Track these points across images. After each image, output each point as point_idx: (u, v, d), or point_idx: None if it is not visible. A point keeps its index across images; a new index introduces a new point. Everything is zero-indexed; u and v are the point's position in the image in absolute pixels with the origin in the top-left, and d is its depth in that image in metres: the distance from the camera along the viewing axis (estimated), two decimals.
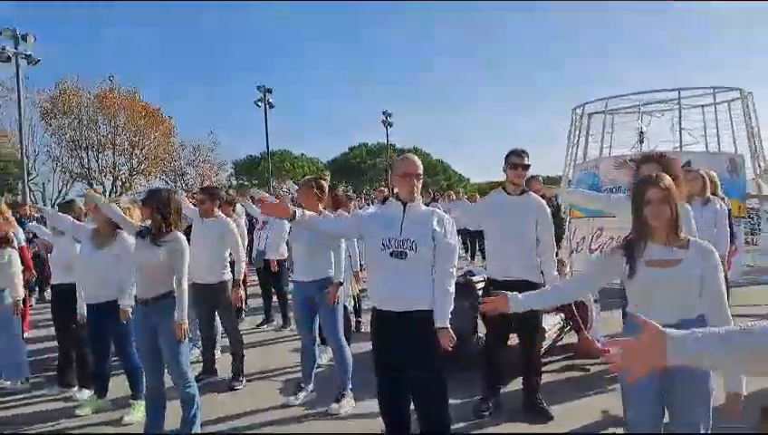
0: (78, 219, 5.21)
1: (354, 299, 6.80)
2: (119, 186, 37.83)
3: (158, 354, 4.10)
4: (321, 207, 4.85)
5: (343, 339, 4.81)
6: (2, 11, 46.50)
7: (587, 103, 11.94)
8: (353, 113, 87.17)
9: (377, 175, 44.17)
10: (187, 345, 4.14)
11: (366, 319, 7.33)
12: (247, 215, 8.92)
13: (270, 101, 30.09)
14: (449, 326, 3.22)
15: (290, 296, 8.96)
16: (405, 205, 3.33)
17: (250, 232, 8.99)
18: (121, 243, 4.77)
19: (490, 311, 2.75)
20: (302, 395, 4.93)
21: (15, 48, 19.09)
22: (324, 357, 5.79)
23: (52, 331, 7.58)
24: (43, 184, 35.72)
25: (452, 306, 3.26)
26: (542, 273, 4.27)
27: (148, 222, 4.15)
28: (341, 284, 4.80)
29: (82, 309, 5.16)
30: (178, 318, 3.97)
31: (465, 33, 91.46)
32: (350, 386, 4.79)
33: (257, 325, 8.02)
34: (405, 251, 3.20)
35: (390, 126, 37.41)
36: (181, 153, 39.63)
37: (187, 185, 38.45)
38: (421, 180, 3.37)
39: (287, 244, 8.27)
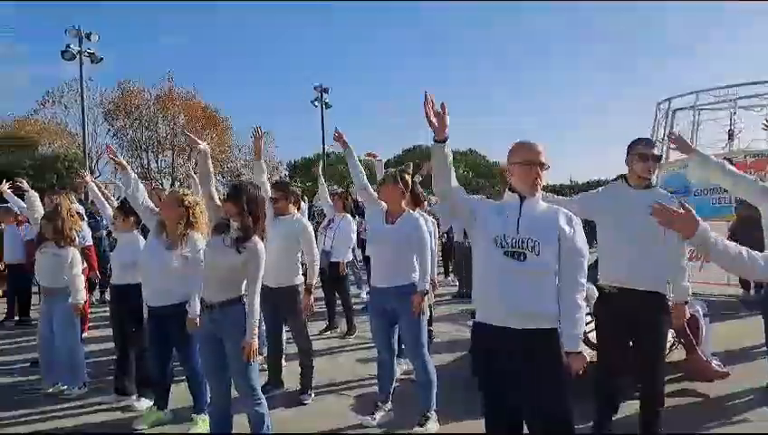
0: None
1: (430, 308, 6.23)
2: (177, 186, 38.44)
3: (224, 366, 3.65)
4: (403, 204, 4.33)
5: (428, 354, 4.26)
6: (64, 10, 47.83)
7: (673, 98, 11.01)
8: (410, 114, 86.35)
9: (430, 178, 43.24)
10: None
11: (437, 328, 6.78)
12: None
13: (326, 100, 29.83)
14: (581, 349, 2.62)
15: (356, 300, 8.67)
16: (522, 199, 2.76)
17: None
18: (193, 244, 4.35)
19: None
20: (379, 415, 4.40)
21: (80, 46, 19.39)
22: (398, 369, 5.24)
23: (109, 331, 7.40)
24: (106, 184, 36.56)
25: (584, 325, 2.66)
26: (668, 283, 3.58)
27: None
28: (427, 292, 4.26)
29: (146, 312, 4.80)
30: (248, 337, 3.49)
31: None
32: (435, 406, 4.23)
33: (320, 332, 7.53)
34: (524, 252, 2.62)
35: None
36: (237, 154, 39.85)
37: None
38: (546, 171, 2.77)
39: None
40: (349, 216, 7.71)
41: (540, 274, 2.62)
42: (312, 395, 5.04)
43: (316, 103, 30.00)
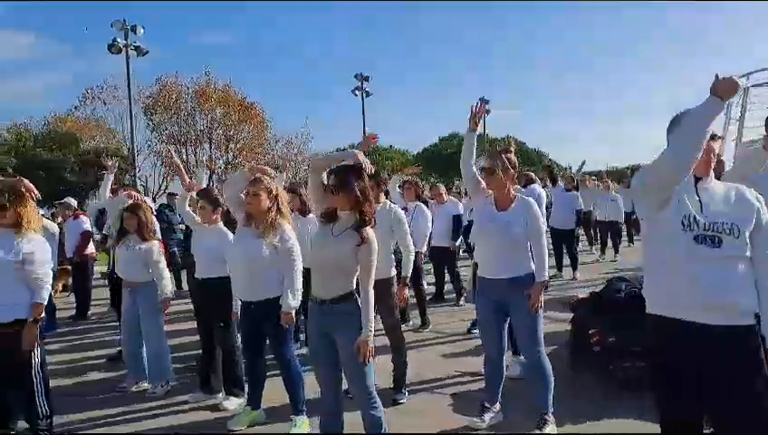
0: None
1: None
2: (215, 179, 38.58)
3: (335, 365, 3.40)
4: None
5: (544, 350, 3.95)
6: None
7: (752, 73, 10.41)
8: (445, 102, 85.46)
9: None
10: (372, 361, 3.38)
11: None
12: None
13: (367, 89, 29.50)
14: None
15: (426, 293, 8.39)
16: (697, 179, 2.44)
17: None
18: (283, 233, 4.12)
19: None
20: (488, 416, 4.12)
21: (125, 39, 19.45)
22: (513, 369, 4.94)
23: (186, 325, 7.30)
24: (146, 178, 36.94)
25: None
26: None
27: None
28: (547, 283, 3.96)
29: (236, 307, 4.61)
30: (364, 334, 3.24)
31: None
32: (552, 408, 3.94)
33: None
34: (719, 236, 2.31)
35: (488, 113, 35.89)
36: (275, 146, 39.87)
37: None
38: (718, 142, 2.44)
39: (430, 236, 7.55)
40: (422, 204, 7.43)
41: (737, 259, 2.30)
42: (407, 394, 4.79)
43: (357, 92, 29.66)
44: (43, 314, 3.93)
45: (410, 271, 4.84)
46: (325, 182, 3.44)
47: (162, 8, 55.54)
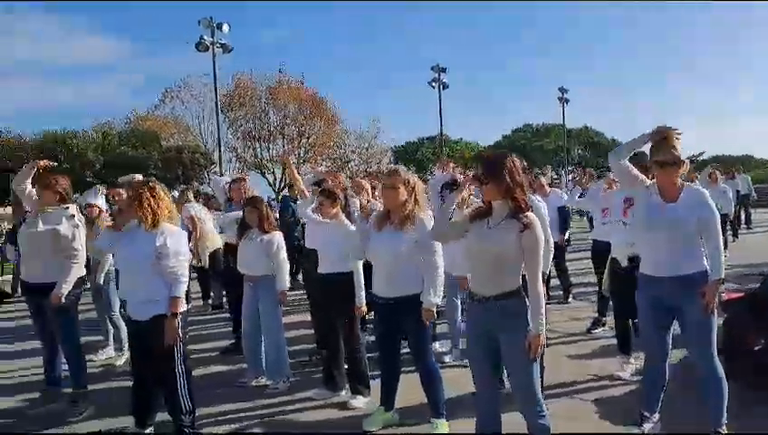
0: None
1: None
2: (288, 174, 39.08)
3: (496, 366, 3.16)
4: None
5: (717, 356, 3.56)
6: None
7: None
8: (517, 91, 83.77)
9: (543, 157, 41.84)
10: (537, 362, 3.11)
11: None
12: None
13: (444, 81, 29.11)
14: None
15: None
16: None
17: None
18: (421, 225, 3.90)
19: None
20: (647, 426, 3.77)
21: (212, 37, 19.87)
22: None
23: (297, 317, 7.25)
24: (222, 173, 37.78)
25: None
26: None
27: None
28: (723, 281, 3.57)
29: (361, 300, 4.45)
30: (536, 330, 2.97)
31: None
32: (726, 420, 3.54)
33: None
34: None
35: (567, 103, 34.81)
36: (345, 140, 40.04)
37: (351, 172, 38.89)
38: None
39: None
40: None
41: None
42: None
43: (434, 84, 29.32)
44: (184, 308, 3.86)
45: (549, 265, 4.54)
46: None
47: (232, 7, 56.64)
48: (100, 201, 6.24)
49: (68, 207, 4.75)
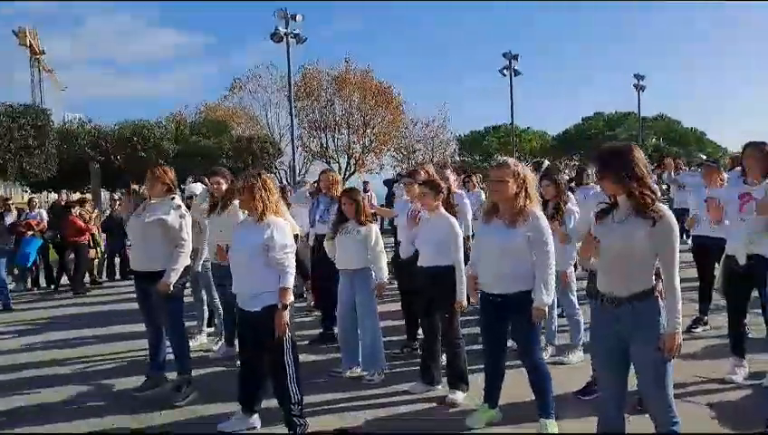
0: None
1: None
2: (352, 163, 39.37)
3: (624, 370, 3.03)
4: None
5: None
6: None
7: None
8: (588, 78, 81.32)
9: None
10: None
11: None
12: None
13: (515, 68, 28.54)
14: None
15: None
16: None
17: None
18: (535, 221, 3.78)
19: None
20: None
21: (286, 27, 20.18)
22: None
23: (385, 308, 7.21)
24: (290, 163, 38.42)
25: None
26: None
27: None
28: None
29: (462, 294, 4.43)
30: (672, 328, 2.82)
31: None
32: None
33: None
34: None
35: (643, 90, 33.51)
36: (412, 130, 39.90)
37: (416, 162, 38.74)
38: None
39: None
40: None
41: None
42: None
43: (505, 72, 28.80)
44: (292, 299, 3.90)
45: None
46: None
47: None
48: (197, 189, 6.37)
49: (174, 198, 4.87)
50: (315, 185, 7.01)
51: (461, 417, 4.22)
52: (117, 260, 12.35)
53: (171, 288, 4.64)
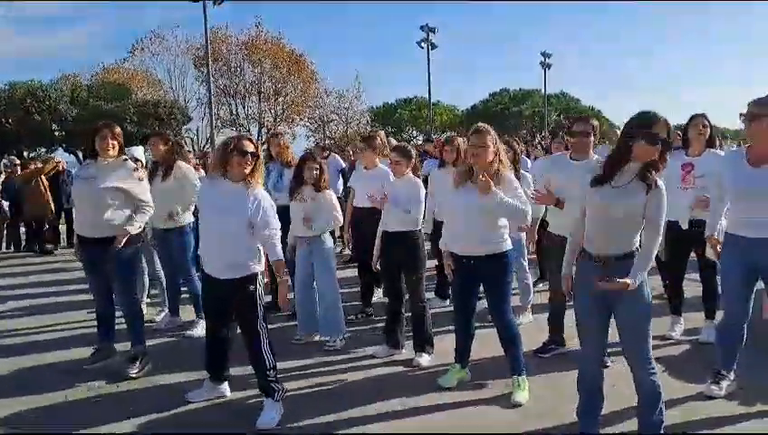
0: None
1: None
2: (264, 132, 38.46)
3: (605, 329, 3.22)
4: None
5: None
6: None
7: None
8: (497, 57, 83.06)
9: (520, 123, 41.98)
10: None
11: None
12: None
13: (433, 41, 28.74)
14: None
15: None
16: None
17: None
18: (509, 184, 3.88)
19: None
20: (725, 384, 3.91)
21: None
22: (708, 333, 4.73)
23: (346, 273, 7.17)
24: (197, 130, 36.97)
25: None
26: None
27: None
28: None
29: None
30: (632, 278, 2.97)
31: None
32: None
33: None
34: None
35: (549, 68, 34.85)
36: (326, 100, 39.42)
37: (331, 133, 38.46)
38: None
39: None
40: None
41: None
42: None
43: (423, 45, 28.94)
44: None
45: None
46: None
47: None
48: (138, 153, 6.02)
49: (126, 159, 4.58)
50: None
51: (431, 377, 4.31)
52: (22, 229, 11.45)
53: (121, 243, 4.38)
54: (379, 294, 6.32)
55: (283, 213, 4.67)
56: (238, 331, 3.95)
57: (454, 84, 79.51)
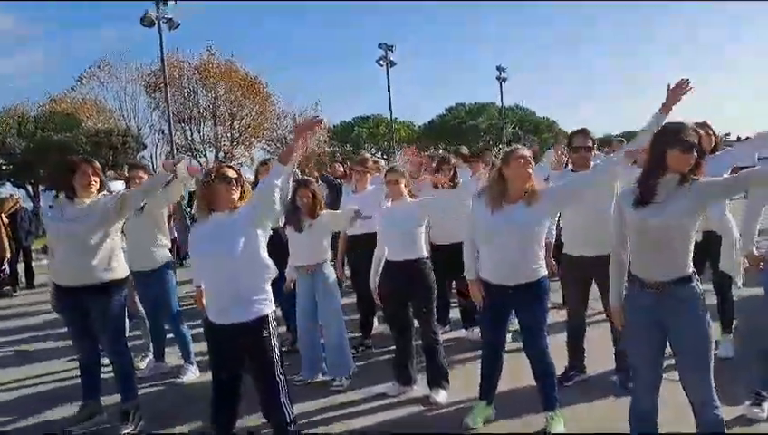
0: None
1: None
2: (221, 157, 37.68)
3: (659, 357, 2.99)
4: None
5: None
6: None
7: None
8: (454, 72, 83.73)
9: (476, 136, 42.30)
10: None
11: None
12: None
13: (391, 58, 28.71)
14: None
15: None
16: None
17: None
18: (548, 197, 3.65)
19: None
20: (766, 405, 3.73)
21: (157, 11, 18.59)
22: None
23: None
24: (151, 156, 35.92)
25: None
26: None
27: None
28: None
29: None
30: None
31: None
32: None
33: None
34: None
35: (504, 82, 35.18)
36: (282, 122, 38.99)
37: None
38: None
39: None
40: None
41: None
42: None
43: (381, 63, 28.87)
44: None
45: None
46: None
47: None
48: (119, 187, 5.60)
49: (106, 195, 4.19)
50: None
51: (455, 416, 4.03)
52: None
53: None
54: (380, 327, 6.03)
55: (277, 241, 4.36)
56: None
57: (410, 100, 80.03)
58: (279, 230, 4.81)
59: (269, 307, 3.32)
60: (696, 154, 2.77)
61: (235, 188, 3.33)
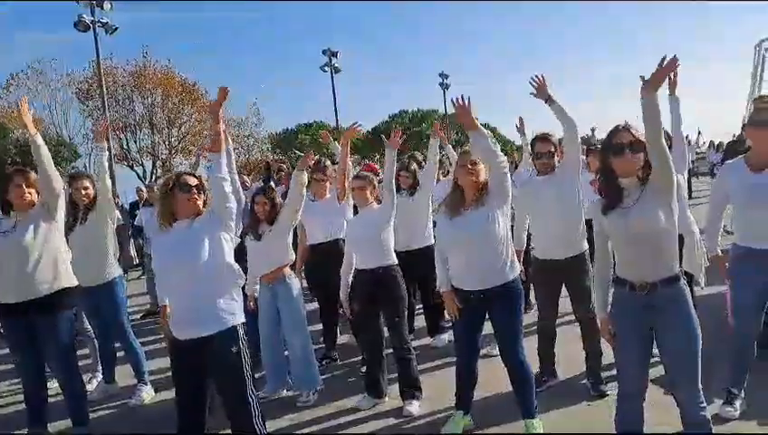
0: None
1: None
2: (159, 166, 36.54)
3: (647, 362, 2.95)
4: None
5: None
6: None
7: None
8: (397, 79, 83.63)
9: (420, 142, 42.47)
10: None
11: None
12: None
13: (336, 65, 28.47)
14: None
15: None
16: None
17: None
18: (490, 192, 3.57)
19: None
20: (738, 403, 3.75)
21: (92, 15, 17.76)
22: None
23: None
24: (85, 166, 34.47)
25: None
26: None
27: None
28: None
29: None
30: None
31: None
32: None
33: None
34: None
35: (447, 88, 35.50)
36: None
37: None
38: None
39: None
40: None
41: None
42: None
43: (326, 68, 28.60)
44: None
45: None
46: None
47: None
48: None
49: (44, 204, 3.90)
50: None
51: (431, 428, 3.90)
52: None
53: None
54: (343, 337, 5.85)
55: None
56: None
57: (354, 106, 79.73)
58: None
59: (238, 318, 3.13)
60: (631, 152, 2.75)
61: (197, 195, 3.17)
